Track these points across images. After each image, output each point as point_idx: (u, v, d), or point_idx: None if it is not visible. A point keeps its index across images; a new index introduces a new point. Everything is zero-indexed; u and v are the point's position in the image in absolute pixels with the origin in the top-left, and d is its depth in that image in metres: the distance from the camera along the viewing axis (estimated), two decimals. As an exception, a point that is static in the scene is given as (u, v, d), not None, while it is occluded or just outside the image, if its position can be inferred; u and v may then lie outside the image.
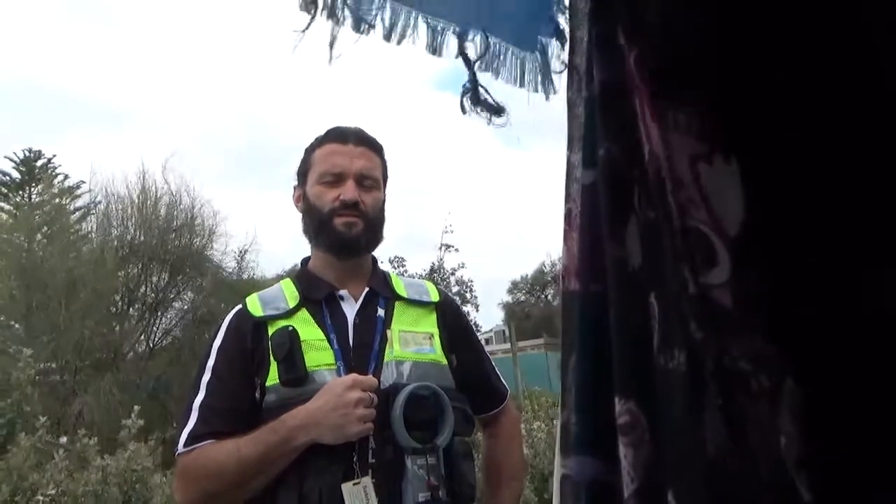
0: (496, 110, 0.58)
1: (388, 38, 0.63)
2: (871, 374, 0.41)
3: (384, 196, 1.42)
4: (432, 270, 12.62)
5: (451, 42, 0.64)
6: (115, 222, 9.40)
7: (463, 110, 0.63)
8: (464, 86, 0.63)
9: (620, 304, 0.58)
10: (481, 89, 0.60)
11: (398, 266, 13.72)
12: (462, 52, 0.62)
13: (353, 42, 0.60)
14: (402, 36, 0.63)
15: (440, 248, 12.67)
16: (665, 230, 0.49)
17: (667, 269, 0.52)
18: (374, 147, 1.42)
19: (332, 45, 0.59)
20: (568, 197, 0.70)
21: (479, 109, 0.60)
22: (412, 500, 1.16)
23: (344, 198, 1.32)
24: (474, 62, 0.62)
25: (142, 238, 9.20)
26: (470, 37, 0.64)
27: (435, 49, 0.63)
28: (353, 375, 1.19)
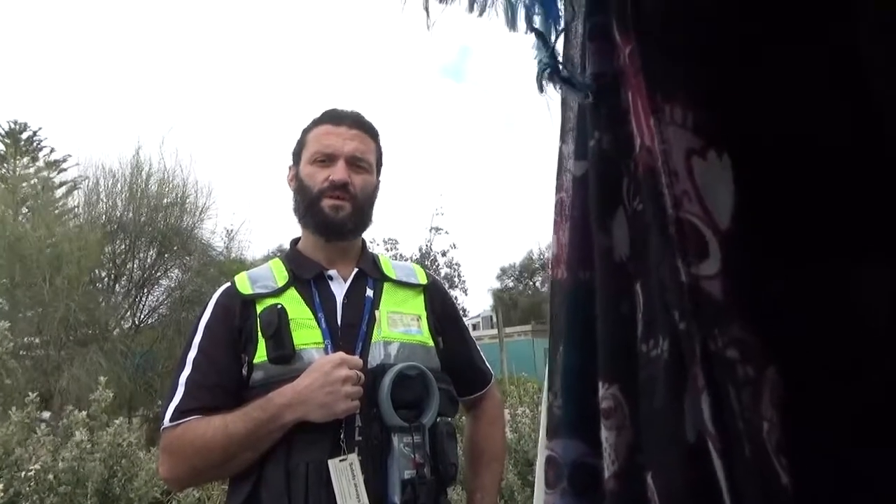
0: (581, 87, 0.57)
1: (470, 8, 0.61)
2: (851, 365, 0.43)
3: (376, 180, 1.43)
4: (422, 255, 12.62)
5: (522, 14, 0.61)
6: (104, 197, 9.29)
7: (540, 89, 0.61)
8: (540, 61, 0.60)
9: (607, 292, 0.60)
10: (562, 66, 0.58)
11: (391, 248, 13.71)
12: (533, 27, 0.61)
13: (440, 11, 0.58)
14: (483, 8, 0.61)
15: (430, 231, 12.67)
16: (653, 221, 0.51)
17: (653, 259, 0.53)
18: (370, 131, 1.42)
19: (426, 10, 0.57)
20: (559, 187, 0.71)
21: (560, 87, 0.58)
22: (398, 477, 1.18)
23: (333, 178, 1.33)
24: (554, 37, 0.60)
25: (130, 214, 9.10)
26: (536, 10, 0.62)
27: (511, 22, 0.61)
28: (341, 353, 1.20)
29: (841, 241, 0.45)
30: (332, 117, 1.40)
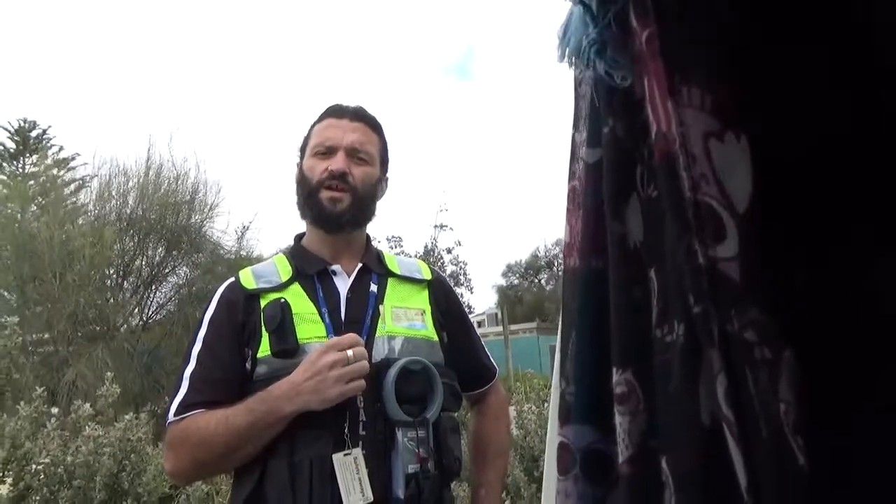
0: (625, 66, 0.57)
1: None
2: (866, 347, 0.43)
3: (379, 173, 1.42)
4: (427, 252, 12.62)
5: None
6: (115, 194, 9.35)
7: (587, 63, 0.61)
8: (588, 36, 0.61)
9: (620, 278, 0.60)
10: (608, 44, 0.59)
11: (395, 245, 13.70)
12: (582, 0, 0.61)
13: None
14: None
15: (435, 228, 12.66)
16: (669, 206, 0.50)
17: (668, 245, 0.53)
18: (372, 124, 1.42)
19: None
20: (572, 175, 0.71)
21: (603, 64, 0.59)
22: (402, 471, 1.18)
23: (332, 168, 1.32)
24: (605, 12, 0.60)
25: (140, 211, 9.15)
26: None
27: None
28: (330, 340, 1.20)
29: (860, 223, 0.45)
30: (335, 111, 1.41)
